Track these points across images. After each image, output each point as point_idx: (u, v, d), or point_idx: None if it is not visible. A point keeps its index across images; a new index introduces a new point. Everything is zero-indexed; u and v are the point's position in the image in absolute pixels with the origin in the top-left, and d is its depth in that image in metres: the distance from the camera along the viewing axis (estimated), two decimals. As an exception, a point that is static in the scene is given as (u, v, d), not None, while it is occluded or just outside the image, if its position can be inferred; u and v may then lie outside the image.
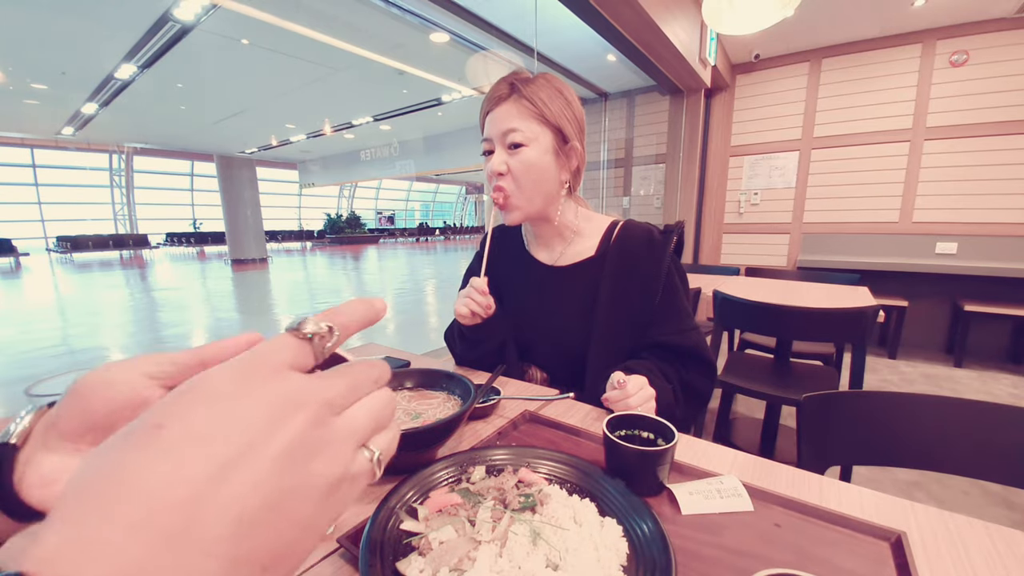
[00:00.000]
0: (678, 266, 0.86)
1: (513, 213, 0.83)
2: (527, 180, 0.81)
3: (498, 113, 0.80)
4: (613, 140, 4.87)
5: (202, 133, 9.41)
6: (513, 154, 0.80)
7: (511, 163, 0.80)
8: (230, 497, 0.16)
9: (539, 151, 0.80)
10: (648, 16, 2.44)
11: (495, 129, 0.80)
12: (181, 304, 6.57)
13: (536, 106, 0.79)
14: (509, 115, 0.79)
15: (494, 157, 0.81)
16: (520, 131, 0.79)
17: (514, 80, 0.81)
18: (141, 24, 4.24)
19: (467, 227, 28.91)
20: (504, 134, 0.79)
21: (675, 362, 0.82)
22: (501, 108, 0.80)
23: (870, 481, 1.86)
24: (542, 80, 0.82)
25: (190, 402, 0.17)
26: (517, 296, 0.95)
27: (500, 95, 0.80)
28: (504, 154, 0.80)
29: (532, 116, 0.79)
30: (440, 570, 0.37)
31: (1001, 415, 0.74)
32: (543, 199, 0.84)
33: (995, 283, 3.21)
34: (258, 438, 0.17)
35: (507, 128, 0.79)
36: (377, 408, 0.22)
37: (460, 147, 9.59)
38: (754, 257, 4.28)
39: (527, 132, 0.79)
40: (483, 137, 0.83)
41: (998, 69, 3.20)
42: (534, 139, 0.79)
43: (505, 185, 0.81)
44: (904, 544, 0.43)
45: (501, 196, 0.81)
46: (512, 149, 0.80)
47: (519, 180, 0.80)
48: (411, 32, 4.08)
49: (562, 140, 0.82)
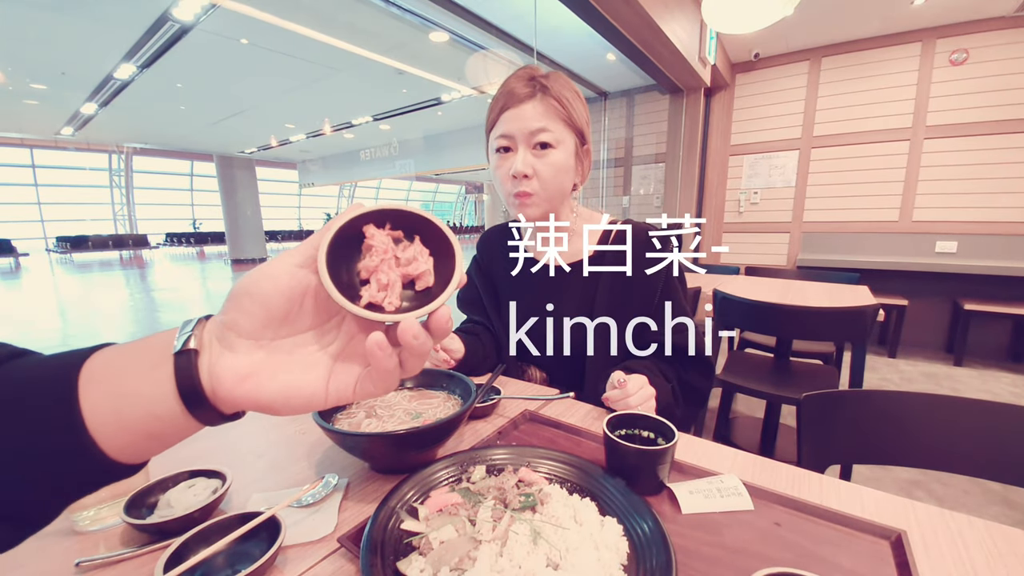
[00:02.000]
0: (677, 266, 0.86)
1: (534, 210, 0.81)
2: (553, 183, 0.78)
3: (523, 111, 0.76)
4: (613, 139, 4.87)
5: (202, 133, 9.40)
6: (540, 155, 0.76)
7: (538, 165, 0.77)
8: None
9: (566, 154, 0.78)
10: (648, 15, 2.44)
11: (519, 127, 0.76)
12: (181, 304, 6.57)
13: (564, 107, 0.76)
14: (536, 114, 0.75)
15: (517, 157, 0.77)
16: (550, 131, 0.75)
17: (536, 77, 0.77)
18: (140, 24, 4.23)
19: (467, 227, 28.91)
20: (532, 133, 0.76)
21: (674, 361, 0.82)
22: (527, 106, 0.76)
23: (870, 480, 1.86)
24: (562, 79, 0.79)
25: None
26: (515, 296, 0.95)
27: (524, 92, 0.76)
28: (529, 155, 0.77)
29: (560, 117, 0.76)
30: (440, 570, 0.37)
31: (1001, 414, 0.74)
32: (560, 199, 0.83)
33: (995, 282, 3.21)
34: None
35: (536, 127, 0.75)
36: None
37: (460, 147, 9.57)
38: (754, 256, 4.28)
39: (556, 133, 0.76)
40: (499, 133, 0.78)
41: (998, 68, 3.20)
42: (561, 142, 0.77)
43: (530, 188, 0.77)
44: (904, 543, 0.43)
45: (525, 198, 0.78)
46: (539, 149, 0.76)
47: (545, 183, 0.77)
48: (411, 32, 4.07)
49: (581, 143, 0.81)
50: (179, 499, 0.48)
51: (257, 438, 0.67)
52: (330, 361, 0.29)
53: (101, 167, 14.61)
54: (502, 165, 0.79)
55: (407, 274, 0.29)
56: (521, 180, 0.77)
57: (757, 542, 0.45)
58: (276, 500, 0.50)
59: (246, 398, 0.27)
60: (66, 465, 0.25)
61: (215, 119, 8.16)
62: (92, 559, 0.42)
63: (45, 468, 0.24)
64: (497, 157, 0.81)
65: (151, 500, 0.48)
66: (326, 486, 0.53)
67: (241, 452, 0.63)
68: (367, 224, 0.29)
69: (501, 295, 0.97)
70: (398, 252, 0.29)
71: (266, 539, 0.42)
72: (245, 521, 0.42)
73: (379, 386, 0.29)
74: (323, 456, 0.61)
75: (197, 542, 0.40)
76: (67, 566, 0.41)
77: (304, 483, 0.54)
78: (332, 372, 0.29)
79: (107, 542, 0.45)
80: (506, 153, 0.79)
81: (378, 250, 0.29)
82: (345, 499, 0.52)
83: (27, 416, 0.24)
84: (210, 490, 0.49)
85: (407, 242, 0.30)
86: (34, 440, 0.24)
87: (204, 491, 0.49)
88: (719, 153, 4.28)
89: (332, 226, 0.28)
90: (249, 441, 0.66)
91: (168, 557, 0.38)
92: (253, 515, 0.43)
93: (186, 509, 0.46)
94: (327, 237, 0.27)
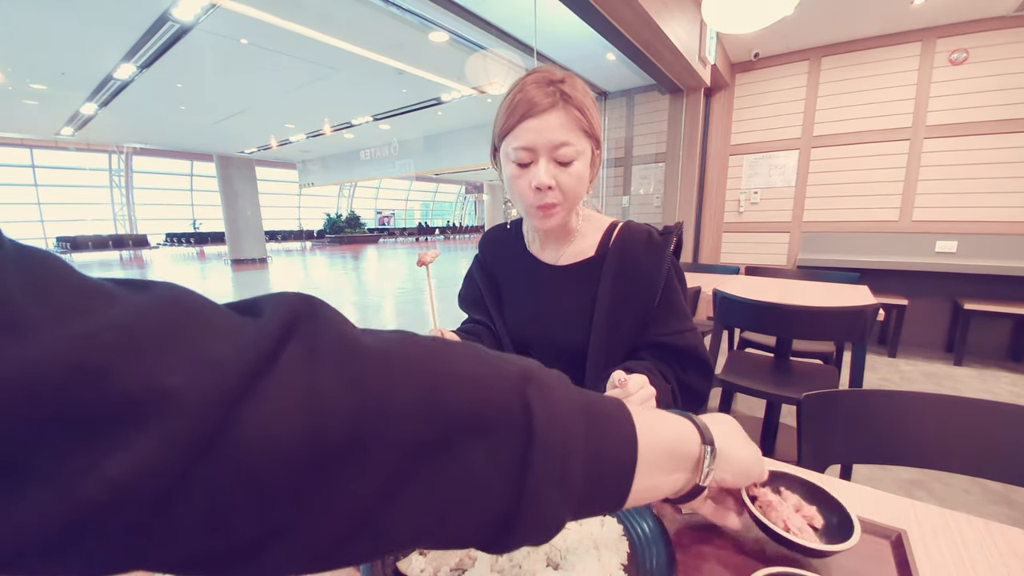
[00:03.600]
0: (677, 267, 0.86)
1: (555, 220, 0.80)
2: (573, 193, 0.78)
3: (546, 123, 0.73)
4: (613, 139, 4.87)
5: (201, 133, 9.41)
6: (562, 167, 0.75)
7: (561, 178, 0.75)
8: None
9: (585, 164, 0.77)
10: (647, 15, 2.44)
11: (541, 139, 0.74)
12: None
13: (586, 118, 0.75)
14: (559, 125, 0.74)
15: (539, 169, 0.75)
16: (573, 145, 0.74)
17: (555, 82, 0.75)
18: (140, 24, 4.24)
19: (467, 227, 28.93)
20: (556, 146, 0.74)
21: (673, 363, 0.82)
22: (550, 117, 0.73)
23: (870, 479, 1.86)
24: (579, 84, 0.77)
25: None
26: (518, 295, 0.95)
27: (545, 102, 0.73)
28: (552, 166, 0.75)
29: (580, 128, 0.75)
30: (441, 570, 0.37)
31: (1001, 413, 0.74)
32: (576, 207, 0.84)
33: (995, 281, 3.21)
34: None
35: (560, 141, 0.74)
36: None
37: (460, 147, 9.59)
38: (754, 256, 4.28)
39: (578, 146, 0.75)
40: (519, 145, 0.75)
41: (998, 67, 3.20)
42: (582, 153, 0.76)
43: (554, 200, 0.77)
44: (904, 542, 0.43)
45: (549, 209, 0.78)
46: (562, 163, 0.75)
47: (567, 193, 0.77)
48: (411, 32, 4.08)
49: (595, 148, 0.81)
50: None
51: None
52: None
53: (101, 167, 14.63)
54: (522, 176, 0.77)
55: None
56: (546, 192, 0.76)
57: (757, 542, 0.45)
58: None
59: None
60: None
61: (215, 119, 8.17)
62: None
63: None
64: (514, 168, 0.78)
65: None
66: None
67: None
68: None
69: (503, 294, 0.97)
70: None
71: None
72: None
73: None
74: (323, 456, 0.61)
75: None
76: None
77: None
78: None
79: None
80: (525, 165, 0.77)
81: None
82: (345, 499, 0.52)
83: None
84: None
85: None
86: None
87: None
88: (719, 153, 4.28)
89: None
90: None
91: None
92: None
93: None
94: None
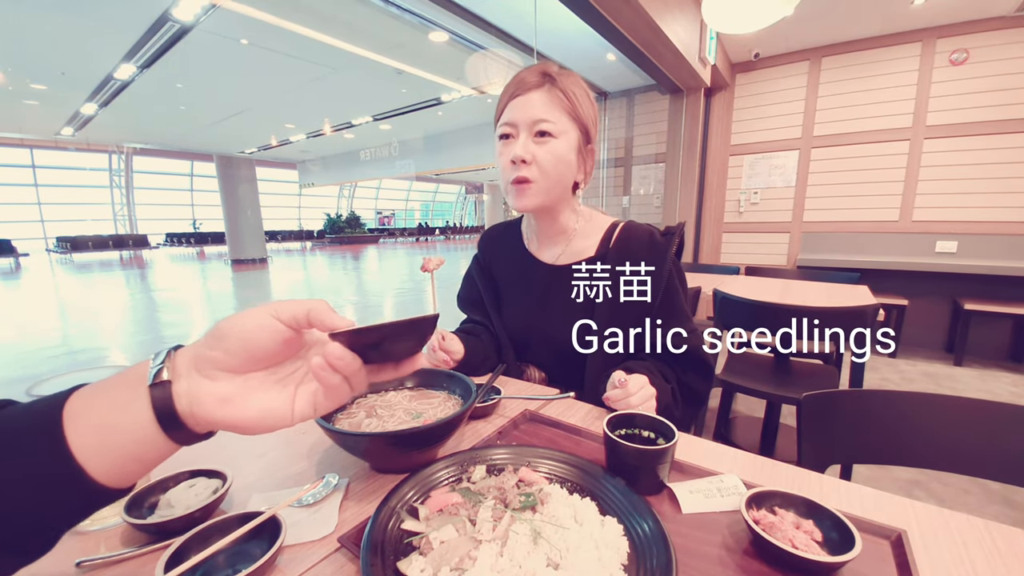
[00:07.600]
0: (678, 268, 0.86)
1: (531, 199, 0.81)
2: (553, 172, 0.79)
3: (528, 100, 0.77)
4: (613, 139, 4.87)
5: (202, 133, 9.40)
6: (540, 143, 0.77)
7: (537, 152, 0.77)
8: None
9: (567, 146, 0.79)
10: (648, 15, 2.44)
11: (522, 115, 0.77)
12: (181, 305, 6.57)
13: (570, 100, 0.77)
14: (542, 103, 0.77)
15: (517, 143, 0.78)
16: (552, 121, 0.77)
17: (547, 70, 0.79)
18: (140, 24, 4.24)
19: (467, 227, 28.90)
20: (534, 122, 0.77)
21: (673, 363, 0.82)
22: (533, 95, 0.77)
23: (870, 480, 1.86)
24: (574, 76, 0.80)
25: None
26: (516, 295, 0.95)
27: (532, 82, 0.78)
28: (530, 142, 0.78)
29: (565, 110, 0.78)
30: (441, 569, 0.37)
31: (1001, 413, 0.74)
32: (559, 193, 0.83)
33: (995, 281, 3.21)
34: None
35: (539, 116, 0.77)
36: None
37: (460, 147, 9.57)
38: (754, 256, 4.27)
39: (559, 124, 0.77)
40: (503, 121, 0.80)
41: (998, 68, 3.20)
42: (563, 132, 0.78)
43: (529, 174, 0.78)
44: (904, 542, 0.43)
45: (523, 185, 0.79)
46: (539, 137, 0.77)
47: (544, 170, 0.78)
48: (410, 32, 4.07)
49: (586, 140, 0.81)
50: (180, 499, 0.48)
51: (257, 438, 0.67)
52: (294, 386, 0.35)
53: (101, 167, 14.61)
54: (504, 152, 0.80)
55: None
56: (520, 166, 0.78)
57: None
58: (276, 500, 0.50)
59: (225, 420, 0.32)
60: (59, 493, 0.28)
61: (215, 119, 8.16)
62: (93, 559, 0.42)
63: (40, 497, 0.28)
64: (500, 144, 0.81)
65: (152, 500, 0.48)
66: (326, 486, 0.53)
67: (242, 452, 0.63)
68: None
69: (502, 293, 0.97)
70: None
71: (267, 539, 0.42)
72: (246, 521, 0.42)
73: (332, 400, 0.35)
74: (323, 456, 0.61)
75: (198, 542, 0.40)
76: (68, 566, 0.41)
77: (304, 483, 0.54)
78: (296, 395, 0.35)
79: (108, 542, 0.45)
80: (508, 140, 0.80)
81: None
82: (345, 499, 0.52)
83: (19, 450, 0.28)
84: (211, 490, 0.49)
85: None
86: (28, 471, 0.27)
87: (205, 491, 0.49)
88: (719, 153, 4.28)
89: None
90: (249, 441, 0.66)
91: (169, 557, 0.38)
92: (254, 515, 0.43)
93: (187, 509, 0.46)
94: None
